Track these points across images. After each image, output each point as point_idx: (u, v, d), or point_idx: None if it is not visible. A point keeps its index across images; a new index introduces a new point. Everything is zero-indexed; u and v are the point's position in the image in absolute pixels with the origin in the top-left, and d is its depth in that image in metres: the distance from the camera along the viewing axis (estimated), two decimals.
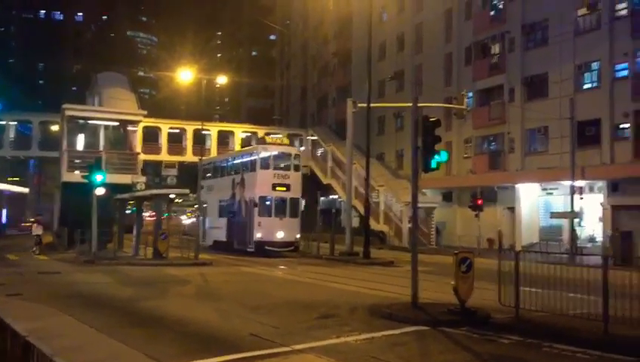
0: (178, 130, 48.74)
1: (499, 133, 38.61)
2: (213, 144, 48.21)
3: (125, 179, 33.46)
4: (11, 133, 47.34)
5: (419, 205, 13.94)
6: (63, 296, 14.79)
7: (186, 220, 68.31)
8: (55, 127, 45.73)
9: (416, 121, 13.07)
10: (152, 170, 47.63)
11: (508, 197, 37.81)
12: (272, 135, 37.97)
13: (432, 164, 12.78)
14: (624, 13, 31.07)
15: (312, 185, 42.28)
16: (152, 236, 26.46)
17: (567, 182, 30.71)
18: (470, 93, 38.93)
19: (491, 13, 39.84)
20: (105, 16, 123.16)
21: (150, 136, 46.39)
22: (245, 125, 54.55)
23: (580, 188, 31.41)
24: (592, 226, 32.49)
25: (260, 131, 49.67)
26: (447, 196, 42.91)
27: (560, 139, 33.30)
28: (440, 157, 12.99)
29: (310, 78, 68.50)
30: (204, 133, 44.30)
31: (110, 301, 14.32)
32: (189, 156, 46.21)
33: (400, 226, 39.65)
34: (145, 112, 40.12)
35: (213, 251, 31.39)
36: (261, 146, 31.24)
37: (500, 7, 39.25)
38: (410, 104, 14.71)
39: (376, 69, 43.50)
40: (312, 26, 68.03)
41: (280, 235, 29.21)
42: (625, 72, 30.99)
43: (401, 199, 39.18)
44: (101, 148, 37.08)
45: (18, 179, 58.39)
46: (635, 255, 24.73)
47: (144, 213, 36.13)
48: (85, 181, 24.38)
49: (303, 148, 52.54)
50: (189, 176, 41.95)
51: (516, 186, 36.88)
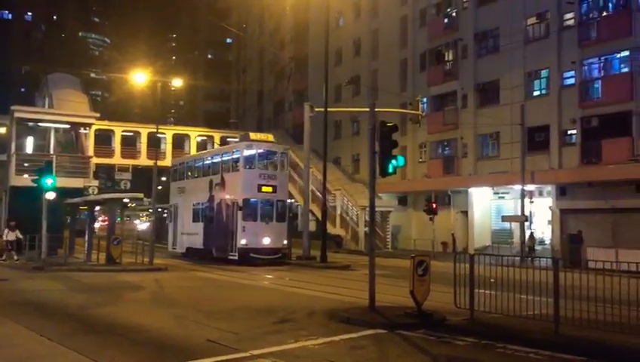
0: (132, 133, 47.84)
1: (452, 138, 39.35)
2: (168, 147, 47.48)
3: (77, 183, 32.57)
4: None
5: (375, 209, 14.05)
6: (10, 304, 14.29)
7: (140, 225, 67.04)
8: (2, 130, 44.22)
9: (374, 126, 13.19)
10: (105, 173, 46.61)
11: (461, 201, 38.56)
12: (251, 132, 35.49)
13: (389, 168, 12.92)
14: (571, 23, 32.16)
15: None
16: (104, 241, 25.85)
17: (518, 187, 31.55)
18: (425, 99, 39.56)
19: (445, 21, 40.63)
20: (55, 16, 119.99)
21: (103, 140, 45.37)
22: (201, 128, 53.96)
23: (530, 192, 32.30)
24: (542, 229, 33.43)
25: (217, 135, 49.25)
26: (403, 200, 43.46)
27: (511, 144, 34.18)
28: (397, 162, 13.13)
29: (267, 82, 68.34)
30: (159, 136, 43.62)
31: (61, 308, 13.90)
32: (143, 160, 45.37)
33: (356, 230, 39.91)
34: (97, 115, 39.18)
35: (186, 259, 29.88)
36: (245, 143, 28.14)
37: (454, 15, 40.06)
38: (367, 109, 14.84)
39: (333, 73, 43.77)
40: (269, 31, 67.95)
41: (266, 241, 26.69)
42: (572, 80, 32.06)
43: (358, 203, 39.47)
44: (51, 152, 36.04)
45: None
46: (584, 257, 25.59)
47: (97, 218, 35.26)
48: (35, 185, 23.65)
49: None
50: (143, 180, 41.21)
51: (469, 190, 37.65)
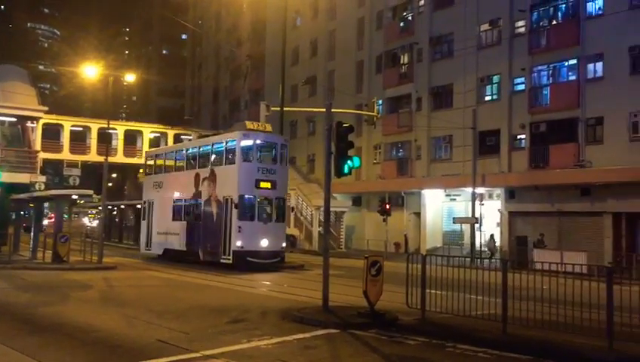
0: (82, 128, 46.63)
1: (406, 140, 39.86)
2: (119, 144, 46.49)
3: (23, 178, 31.54)
4: None
5: (330, 209, 14.12)
6: None
7: (90, 222, 65.41)
8: None
9: (330, 127, 13.24)
10: (53, 169, 45.24)
11: (414, 203, 39.11)
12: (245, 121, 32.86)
13: (345, 169, 12.99)
14: (523, 30, 33.05)
15: None
16: (51, 239, 25.11)
17: (469, 189, 32.23)
18: (380, 101, 39.95)
19: (401, 24, 41.13)
20: (2, 6, 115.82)
21: (51, 134, 44.00)
22: (154, 125, 53.01)
23: (481, 194, 33.03)
24: (491, 231, 34.21)
25: (170, 132, 48.49)
26: (357, 201, 43.78)
27: (463, 147, 34.88)
28: (352, 163, 13.22)
29: (223, 79, 67.72)
30: (110, 132, 42.64)
31: (5, 307, 13.44)
32: (93, 156, 44.28)
33: (310, 230, 39.99)
34: (46, 108, 38.09)
35: (164, 262, 27.11)
36: (242, 133, 24.97)
37: (409, 19, 40.59)
38: (323, 109, 14.89)
39: (290, 73, 43.76)
40: (226, 28, 67.35)
41: (264, 244, 23.97)
42: (522, 86, 32.94)
43: (312, 203, 39.55)
44: None
45: None
46: (530, 258, 26.35)
47: (45, 215, 34.06)
48: None
49: None
50: (93, 177, 40.20)
51: (422, 192, 38.23)
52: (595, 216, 28.77)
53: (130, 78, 64.36)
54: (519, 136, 33.02)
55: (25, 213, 34.60)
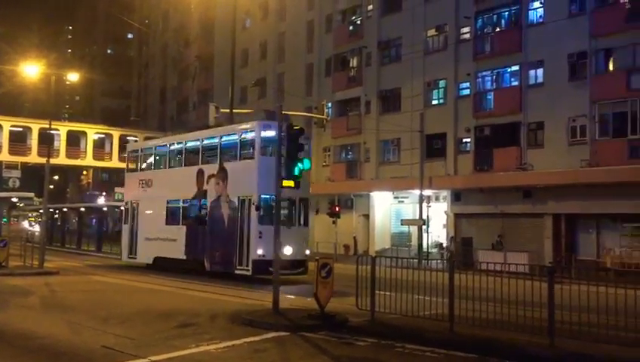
0: (22, 128, 45.10)
1: (356, 143, 40.22)
2: (62, 145, 45.15)
3: None
4: None
5: (281, 212, 14.11)
6: None
7: (30, 226, 63.18)
8: None
9: (281, 129, 13.24)
10: None
11: (363, 205, 39.48)
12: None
13: (295, 171, 13.01)
14: (468, 36, 33.90)
15: None
16: None
17: (417, 191, 32.79)
18: (330, 104, 40.17)
19: (350, 28, 41.51)
20: None
21: None
22: (99, 126, 51.78)
23: (428, 197, 33.65)
24: (438, 233, 34.91)
25: (116, 133, 47.42)
26: None
27: (411, 150, 35.46)
28: (303, 165, 13.25)
29: (170, 79, 66.66)
30: (51, 132, 41.33)
31: None
32: (33, 157, 42.87)
33: None
34: None
35: (156, 273, 23.28)
36: (262, 122, 21.69)
37: (358, 22, 41.00)
38: (274, 111, 14.87)
39: (239, 75, 43.45)
40: (173, 28, 66.34)
41: (288, 251, 20.09)
42: (467, 91, 33.78)
43: None
44: None
45: None
46: (475, 259, 27.01)
47: None
48: None
49: None
50: (34, 179, 38.88)
51: (371, 194, 38.64)
52: (536, 218, 29.76)
53: (73, 77, 62.58)
54: (465, 140, 33.83)
55: None
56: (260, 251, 20.04)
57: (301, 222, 21.92)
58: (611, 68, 28.53)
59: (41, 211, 31.32)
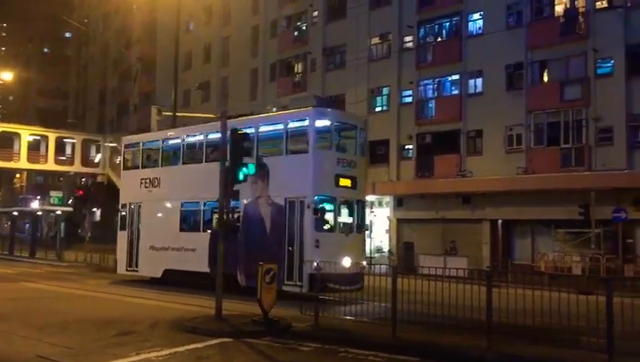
0: None
1: None
2: None
3: None
4: None
5: (225, 217, 13.98)
6: None
7: None
8: None
9: (225, 134, 13.14)
10: None
11: None
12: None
13: (240, 176, 12.94)
14: (411, 45, 34.59)
15: (110, 195, 40.02)
16: None
17: None
18: (275, 109, 40.04)
19: (295, 33, 41.61)
20: None
21: None
22: (34, 127, 49.80)
23: (371, 202, 34.03)
24: (380, 238, 35.35)
25: (52, 135, 45.82)
26: None
27: None
28: (247, 170, 13.18)
29: (110, 81, 64.99)
30: None
31: None
32: None
33: None
34: None
35: (166, 288, 19.47)
36: (317, 110, 18.42)
37: (304, 28, 41.17)
38: (217, 115, 14.74)
39: (182, 77, 42.84)
40: (115, 28, 64.74)
41: (347, 263, 17.02)
42: (410, 98, 34.43)
43: None
44: None
45: None
46: (416, 263, 27.51)
47: None
48: None
49: (100, 156, 49.69)
50: None
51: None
52: (475, 223, 30.60)
53: (7, 76, 60.43)
54: (407, 147, 34.44)
55: None
56: (317, 263, 15.79)
57: (359, 229, 18.75)
58: (546, 79, 29.72)
59: None
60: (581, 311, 9.51)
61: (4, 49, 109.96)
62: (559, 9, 29.27)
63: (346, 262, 16.86)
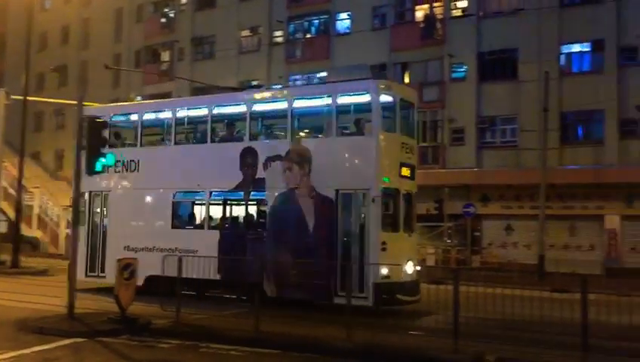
0: None
1: None
2: None
3: None
4: None
5: (79, 209, 13.17)
6: None
7: None
8: None
9: (81, 121, 12.39)
10: None
11: None
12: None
13: (97, 167, 12.24)
14: (281, 40, 34.80)
15: None
16: None
17: None
18: (139, 97, 38.51)
19: (162, 20, 40.21)
20: None
21: None
22: None
23: None
24: None
25: None
26: None
27: None
28: (106, 161, 12.51)
29: None
30: None
31: None
32: None
33: (57, 232, 36.77)
34: None
35: (157, 299, 11.94)
36: (381, 81, 15.87)
37: (171, 15, 39.90)
38: (74, 102, 13.85)
39: (37, 59, 39.83)
40: None
41: (409, 269, 14.28)
42: None
43: (60, 202, 36.42)
44: None
45: None
46: None
47: None
48: None
49: None
50: None
51: None
52: None
53: None
54: None
55: None
56: (385, 270, 13.50)
57: (414, 226, 15.50)
58: (407, 80, 31.24)
59: None
60: (432, 299, 10.13)
61: None
62: (420, 14, 30.92)
63: (409, 268, 14.08)
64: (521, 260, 25.81)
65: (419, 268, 15.21)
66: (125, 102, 20.77)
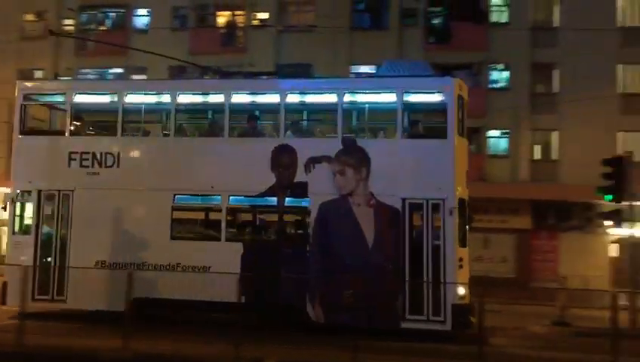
0: None
1: None
2: None
3: None
4: None
5: None
6: None
7: None
8: None
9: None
10: None
11: None
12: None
13: None
14: (72, 29, 32.43)
15: None
16: None
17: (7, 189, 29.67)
18: None
19: None
20: None
21: None
22: None
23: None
24: None
25: None
26: None
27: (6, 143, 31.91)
28: None
29: None
30: None
31: None
32: None
33: None
34: None
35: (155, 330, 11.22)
36: (459, 80, 13.54)
37: None
38: None
39: None
40: None
41: (461, 291, 12.40)
42: None
43: None
44: None
45: None
46: None
47: None
48: None
49: None
50: None
51: None
52: None
53: None
54: None
55: None
56: (462, 290, 12.24)
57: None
58: None
59: None
60: None
61: None
62: (221, 20, 31.07)
63: (461, 290, 12.35)
64: None
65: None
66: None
